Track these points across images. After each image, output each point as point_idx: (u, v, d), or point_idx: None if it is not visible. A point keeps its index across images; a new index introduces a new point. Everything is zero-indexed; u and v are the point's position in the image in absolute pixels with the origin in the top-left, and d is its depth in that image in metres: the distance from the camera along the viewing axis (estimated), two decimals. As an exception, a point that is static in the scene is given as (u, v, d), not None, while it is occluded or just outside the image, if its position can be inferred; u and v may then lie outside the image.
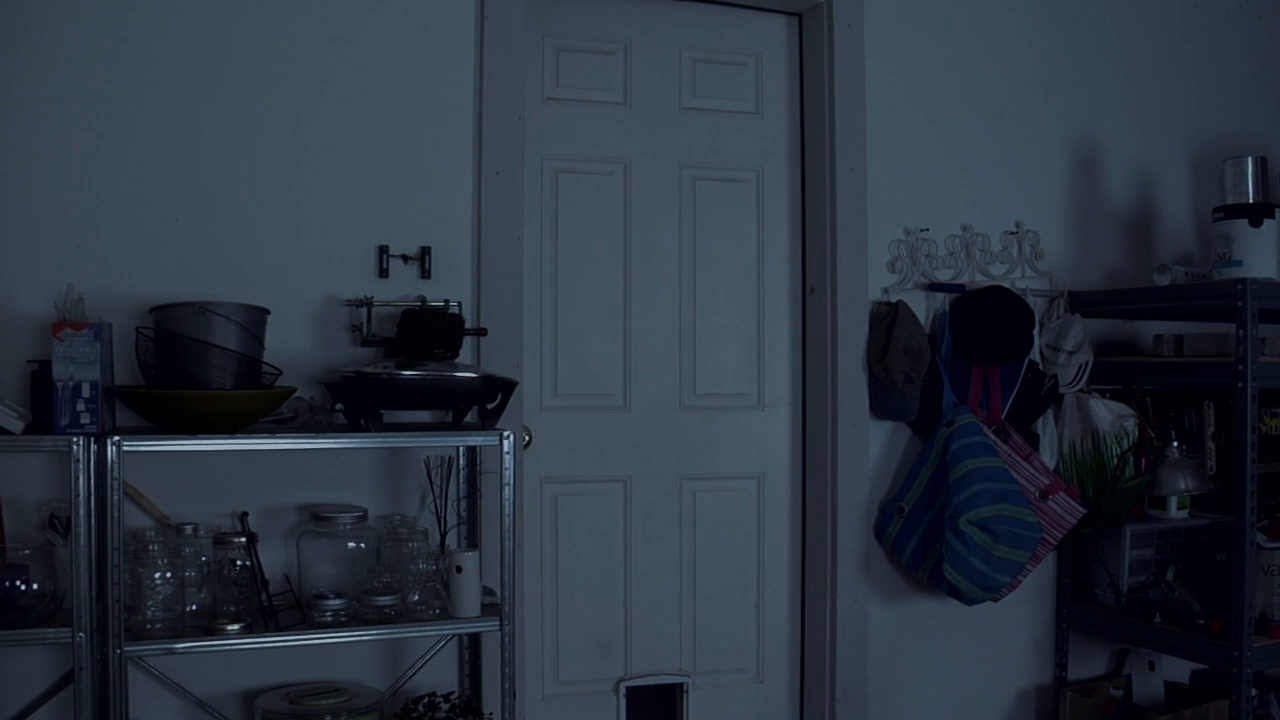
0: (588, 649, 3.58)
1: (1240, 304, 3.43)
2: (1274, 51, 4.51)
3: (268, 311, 2.78)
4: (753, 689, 3.78)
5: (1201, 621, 3.60)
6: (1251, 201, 3.67)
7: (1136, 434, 3.84)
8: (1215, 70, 4.37)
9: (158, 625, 2.66)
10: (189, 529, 2.79)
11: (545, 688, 3.53)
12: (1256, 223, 3.57)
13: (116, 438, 2.52)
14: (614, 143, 3.60)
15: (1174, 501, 3.89)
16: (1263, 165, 3.74)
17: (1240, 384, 3.45)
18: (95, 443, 2.53)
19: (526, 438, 3.43)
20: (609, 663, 3.62)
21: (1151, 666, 4.06)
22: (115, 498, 2.52)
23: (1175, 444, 3.88)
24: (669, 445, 3.68)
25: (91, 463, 2.52)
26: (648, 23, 3.65)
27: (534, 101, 3.46)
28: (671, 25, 3.68)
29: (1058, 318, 3.90)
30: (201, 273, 2.91)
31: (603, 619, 3.60)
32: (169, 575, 2.70)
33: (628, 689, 3.62)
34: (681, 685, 3.69)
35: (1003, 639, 3.94)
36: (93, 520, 2.53)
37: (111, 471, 2.51)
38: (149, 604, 2.67)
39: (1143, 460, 3.87)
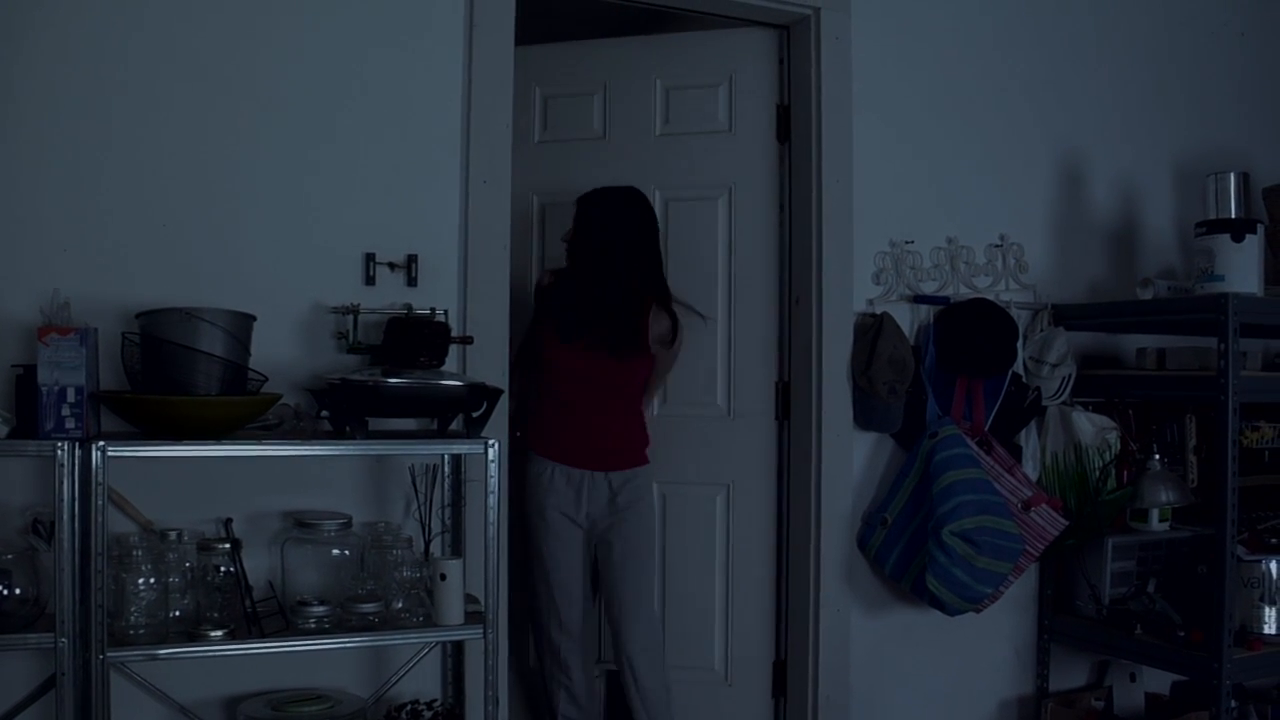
0: None
1: (1222, 318, 3.45)
2: (1258, 67, 4.54)
3: (254, 318, 2.78)
4: (720, 690, 3.82)
5: (1182, 633, 3.62)
6: (1234, 217, 3.69)
7: (1119, 447, 3.86)
8: (1200, 86, 4.40)
9: (141, 631, 2.65)
10: (173, 535, 2.78)
11: (530, 660, 3.83)
12: (1239, 238, 3.60)
13: (101, 443, 2.51)
14: (594, 174, 3.71)
15: (1155, 514, 3.92)
16: (1245, 181, 3.77)
17: (1222, 397, 3.47)
18: (80, 448, 2.53)
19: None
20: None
21: (1132, 678, 4.08)
22: (99, 503, 2.51)
23: (1157, 457, 3.90)
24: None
25: (76, 468, 2.52)
26: (624, 59, 3.85)
27: (527, 144, 3.80)
28: (647, 58, 3.85)
29: (1041, 330, 3.92)
30: (188, 279, 2.90)
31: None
32: (153, 581, 2.69)
33: (606, 671, 3.82)
34: None
35: (985, 650, 3.95)
36: (77, 525, 2.53)
37: (96, 477, 2.51)
38: (132, 610, 2.66)
39: (1124, 473, 3.90)
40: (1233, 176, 3.74)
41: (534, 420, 3.62)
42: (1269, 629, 3.61)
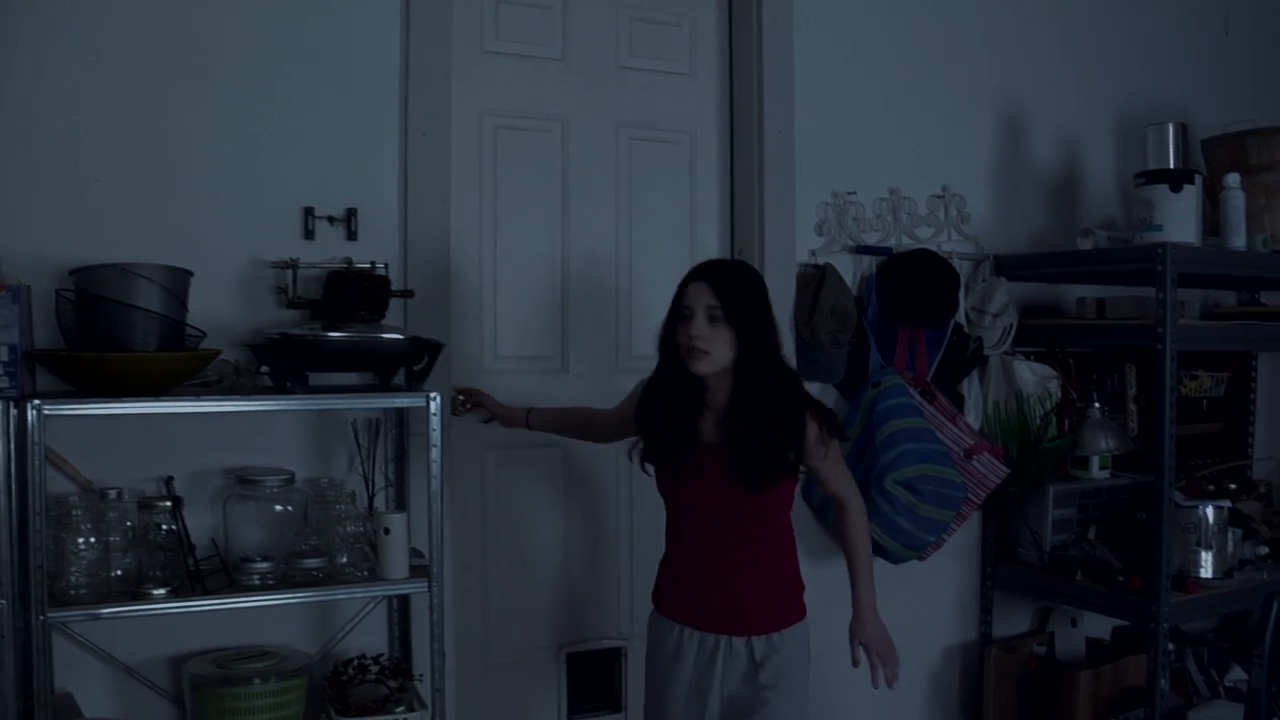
0: (529, 615, 3.57)
1: (1160, 268, 3.49)
2: (1198, 20, 4.59)
3: (191, 273, 2.74)
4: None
5: (1121, 579, 3.68)
6: (1172, 167, 3.73)
7: (1059, 395, 3.90)
8: (1141, 38, 4.44)
9: (82, 591, 2.63)
10: (113, 494, 2.75)
11: (491, 657, 3.51)
12: (1177, 188, 3.63)
13: (37, 401, 2.47)
14: (553, 99, 3.57)
15: (1096, 462, 3.97)
16: (1183, 132, 3.81)
17: (1159, 346, 3.51)
18: (15, 407, 2.49)
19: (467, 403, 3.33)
20: (550, 629, 3.60)
21: (1074, 623, 4.14)
22: (36, 463, 2.47)
23: (1097, 405, 3.95)
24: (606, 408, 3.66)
25: (11, 428, 2.48)
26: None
27: (473, 53, 3.43)
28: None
29: (983, 281, 3.95)
30: (123, 235, 2.85)
31: (544, 584, 3.59)
32: (93, 540, 2.66)
33: (568, 655, 3.61)
34: (621, 649, 3.70)
35: (928, 598, 4.00)
36: (13, 486, 2.50)
37: (32, 436, 2.47)
38: (72, 570, 2.63)
39: (1065, 421, 3.94)
40: (1171, 128, 3.78)
41: (661, 566, 2.91)
42: (1205, 573, 3.69)
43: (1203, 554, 3.69)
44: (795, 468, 2.69)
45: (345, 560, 2.86)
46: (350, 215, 3.09)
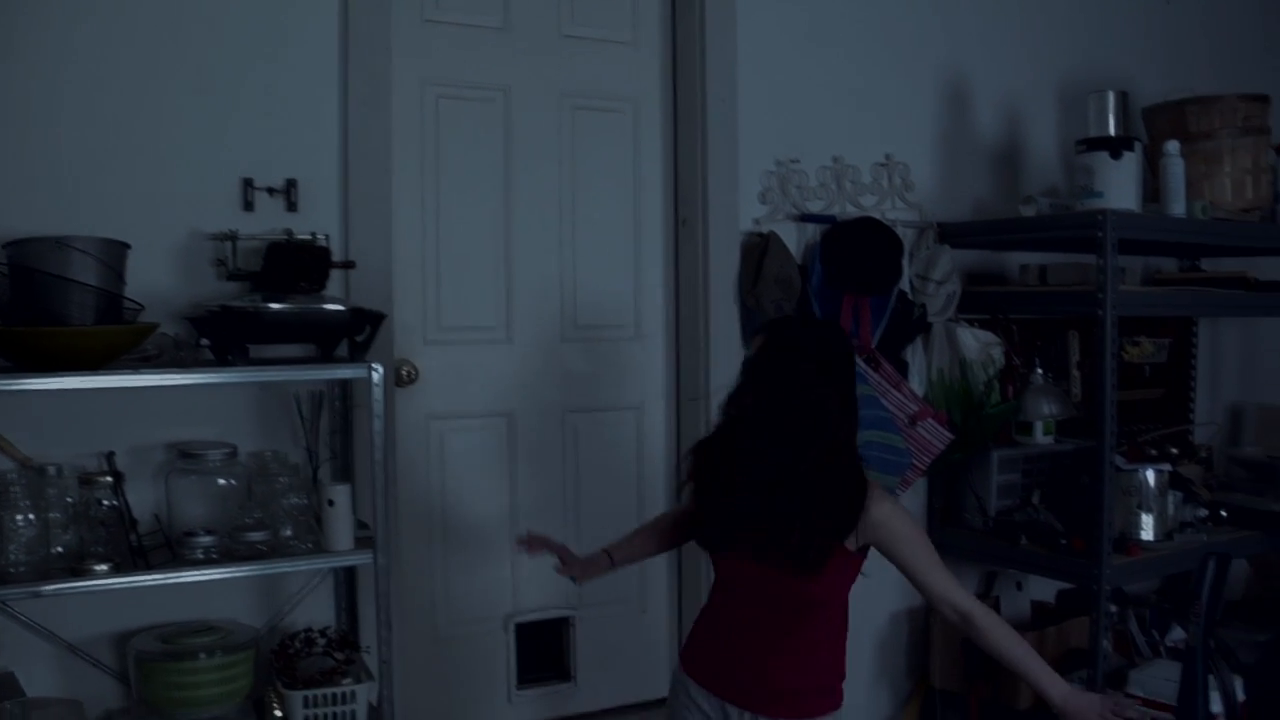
0: (477, 586, 3.58)
1: (1100, 234, 3.51)
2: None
3: (128, 246, 2.71)
4: (635, 619, 3.83)
5: (1065, 542, 3.72)
6: (1112, 134, 3.75)
7: (1003, 361, 3.93)
8: (1085, 7, 4.46)
9: (21, 569, 2.60)
10: (52, 470, 2.73)
11: (439, 629, 3.52)
12: (1117, 155, 3.65)
13: (-29, 377, 2.45)
14: (495, 69, 3.54)
15: (1039, 427, 4.01)
16: (1124, 99, 3.83)
17: (1100, 312, 3.54)
18: (-52, 384, 2.46)
19: (414, 373, 3.42)
20: (499, 600, 3.62)
21: (1019, 587, 4.19)
22: (-28, 439, 2.46)
23: (1040, 371, 3.98)
24: (551, 378, 3.67)
25: (-55, 403, 2.46)
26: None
27: (414, 22, 3.40)
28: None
29: (927, 248, 3.97)
30: (58, 207, 2.82)
31: (492, 555, 3.59)
32: (32, 517, 2.64)
33: (517, 625, 3.63)
34: (569, 619, 3.72)
35: (875, 563, 3.99)
36: (-51, 462, 2.47)
37: (-33, 412, 2.45)
38: (11, 547, 2.60)
39: (1009, 388, 3.98)
40: (1111, 95, 3.80)
41: (697, 620, 2.64)
42: (1146, 535, 3.73)
43: (1144, 517, 3.73)
44: (826, 554, 2.38)
45: (290, 533, 2.85)
46: (290, 186, 3.07)
